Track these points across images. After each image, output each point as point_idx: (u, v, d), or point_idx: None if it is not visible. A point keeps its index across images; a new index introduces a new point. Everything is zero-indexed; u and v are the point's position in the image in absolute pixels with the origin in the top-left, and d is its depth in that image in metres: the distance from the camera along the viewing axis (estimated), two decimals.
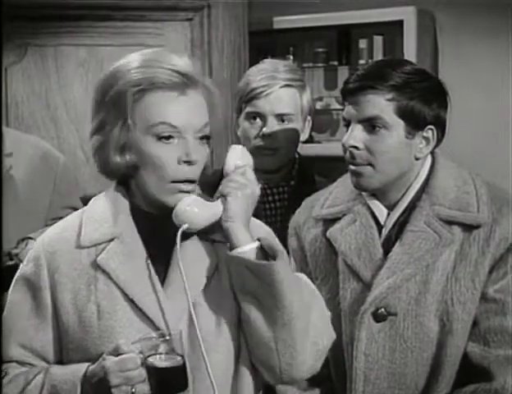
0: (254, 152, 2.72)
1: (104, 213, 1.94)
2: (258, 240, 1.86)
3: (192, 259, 1.90)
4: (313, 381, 2.29)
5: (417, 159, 2.20)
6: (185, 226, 1.84)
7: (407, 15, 4.17)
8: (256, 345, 1.86)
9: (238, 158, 1.96)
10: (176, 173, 1.84)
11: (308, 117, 2.79)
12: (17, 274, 1.97)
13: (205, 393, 1.83)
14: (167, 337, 1.76)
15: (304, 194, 2.55)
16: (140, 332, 1.80)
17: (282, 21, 4.49)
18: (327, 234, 2.30)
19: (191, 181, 1.86)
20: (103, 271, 1.87)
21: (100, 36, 3.82)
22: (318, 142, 4.51)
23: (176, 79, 1.84)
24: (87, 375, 1.80)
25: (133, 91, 1.84)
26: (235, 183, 1.89)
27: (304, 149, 2.97)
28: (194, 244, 1.92)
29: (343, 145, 2.20)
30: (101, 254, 1.89)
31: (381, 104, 2.14)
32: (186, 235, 1.89)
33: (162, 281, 1.88)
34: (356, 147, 2.16)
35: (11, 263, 2.64)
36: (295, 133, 2.74)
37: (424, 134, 2.18)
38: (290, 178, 2.80)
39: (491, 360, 2.13)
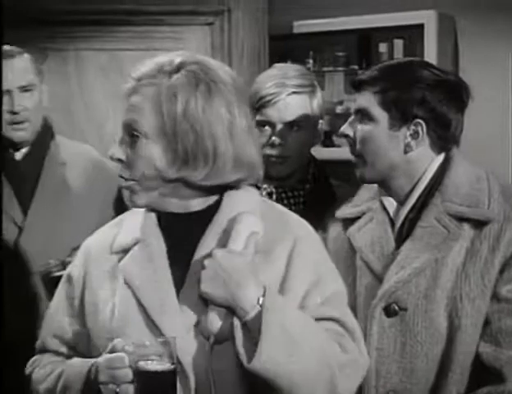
0: (265, 160, 2.73)
1: (136, 219, 1.96)
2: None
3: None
4: None
5: (406, 152, 2.24)
6: (211, 340, 1.81)
7: (427, 18, 4.18)
8: None
9: None
10: None
11: (321, 121, 2.78)
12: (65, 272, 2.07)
13: None
14: (162, 343, 1.74)
15: (319, 197, 2.56)
16: (147, 337, 1.79)
17: (302, 25, 4.52)
18: (347, 233, 2.35)
19: None
20: (123, 275, 1.90)
21: (120, 40, 3.86)
22: (339, 146, 4.51)
23: None
24: (90, 370, 1.84)
25: None
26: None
27: (325, 153, 2.98)
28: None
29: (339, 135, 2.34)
30: (123, 258, 1.92)
31: (369, 97, 2.24)
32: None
33: (179, 288, 1.86)
34: (347, 135, 2.29)
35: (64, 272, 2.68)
36: (306, 139, 2.73)
37: (412, 127, 2.22)
38: (305, 182, 2.80)
39: (503, 362, 2.13)
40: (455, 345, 2.17)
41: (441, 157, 2.28)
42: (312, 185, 2.79)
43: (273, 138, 2.68)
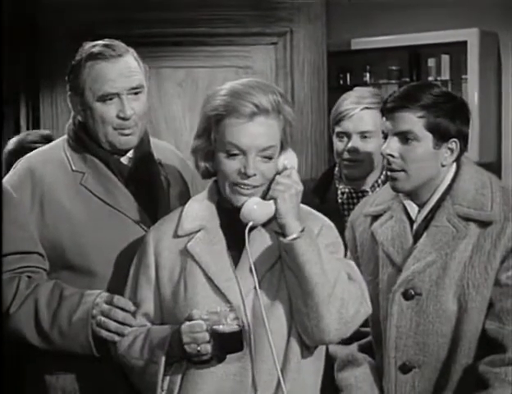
0: (342, 163, 3.27)
1: (198, 210, 2.43)
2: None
3: (259, 247, 2.36)
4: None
5: (443, 166, 2.59)
6: (250, 223, 2.32)
7: (470, 36, 4.51)
8: (295, 311, 2.31)
9: (286, 159, 2.38)
10: (236, 179, 2.33)
11: None
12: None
13: (264, 353, 2.30)
14: (229, 309, 2.24)
15: None
16: (215, 303, 2.29)
17: (359, 43, 4.90)
18: (371, 227, 2.72)
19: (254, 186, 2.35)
20: (191, 255, 2.37)
21: (196, 59, 4.23)
22: None
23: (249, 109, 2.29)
24: (172, 334, 2.31)
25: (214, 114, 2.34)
26: (282, 186, 2.31)
27: None
28: (262, 235, 2.38)
29: (381, 154, 2.63)
30: (190, 241, 2.39)
31: (413, 120, 2.55)
32: (255, 227, 2.36)
33: (236, 263, 2.36)
34: (392, 155, 2.58)
35: None
36: (376, 147, 3.16)
37: (449, 145, 2.57)
38: (376, 186, 3.27)
39: (505, 335, 2.50)
40: (463, 324, 2.53)
41: (454, 166, 2.63)
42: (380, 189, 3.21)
43: (349, 145, 3.19)
